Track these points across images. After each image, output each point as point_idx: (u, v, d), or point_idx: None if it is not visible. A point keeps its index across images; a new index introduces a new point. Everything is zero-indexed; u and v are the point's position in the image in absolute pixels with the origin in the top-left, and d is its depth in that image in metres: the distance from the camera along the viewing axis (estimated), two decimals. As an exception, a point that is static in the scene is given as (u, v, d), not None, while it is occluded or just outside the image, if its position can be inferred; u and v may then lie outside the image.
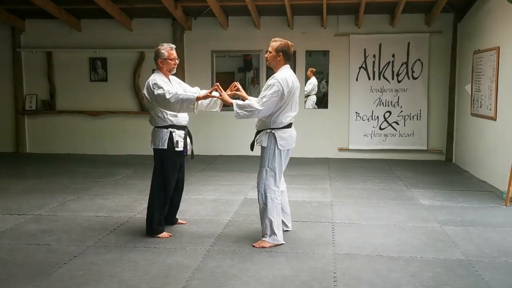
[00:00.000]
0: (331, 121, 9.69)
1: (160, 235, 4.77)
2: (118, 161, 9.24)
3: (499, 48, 6.97)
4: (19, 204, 6.03)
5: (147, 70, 9.61)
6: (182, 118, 4.76)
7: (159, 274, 3.86)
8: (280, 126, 4.50)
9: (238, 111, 4.38)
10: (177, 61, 4.75)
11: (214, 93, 4.50)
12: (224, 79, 11.97)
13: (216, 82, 4.65)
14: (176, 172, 4.83)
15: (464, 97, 8.58)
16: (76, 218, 5.43)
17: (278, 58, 4.50)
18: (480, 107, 7.68)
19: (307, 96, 11.33)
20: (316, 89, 11.49)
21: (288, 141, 4.56)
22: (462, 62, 8.80)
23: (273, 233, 4.51)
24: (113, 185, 7.14)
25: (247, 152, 5.14)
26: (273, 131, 4.49)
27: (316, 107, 11.30)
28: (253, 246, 4.51)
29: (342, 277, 3.83)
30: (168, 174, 4.75)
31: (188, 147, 4.83)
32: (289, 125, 4.55)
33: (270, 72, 4.97)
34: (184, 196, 6.09)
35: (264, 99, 4.36)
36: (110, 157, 9.68)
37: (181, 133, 4.74)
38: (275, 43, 4.50)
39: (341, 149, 9.70)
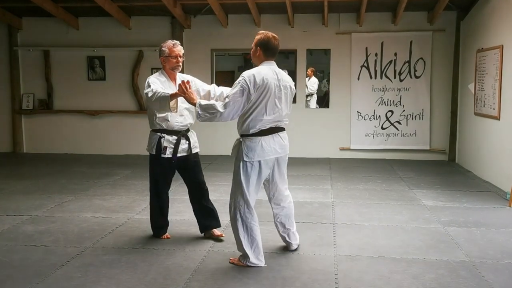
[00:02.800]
0: (332, 120, 9.65)
1: (162, 237, 4.77)
2: (117, 161, 9.20)
3: (502, 46, 6.92)
4: (16, 204, 6.00)
5: (146, 69, 9.59)
6: (175, 122, 4.48)
7: (158, 276, 3.84)
8: (249, 133, 3.90)
9: (200, 112, 3.85)
10: (181, 58, 4.51)
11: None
12: (224, 78, 11.96)
13: (214, 82, 4.46)
14: (165, 178, 4.65)
15: (467, 96, 8.54)
16: (74, 219, 5.39)
17: (257, 54, 3.97)
18: (484, 106, 7.64)
19: (310, 95, 11.31)
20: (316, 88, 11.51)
21: (256, 151, 3.88)
22: (465, 60, 8.76)
23: (245, 254, 4.00)
24: (111, 185, 7.11)
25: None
26: (241, 139, 3.96)
27: (317, 106, 11.28)
28: (230, 260, 4.16)
29: (344, 278, 3.80)
30: (158, 179, 4.63)
31: (182, 154, 4.55)
32: (260, 132, 3.89)
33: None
34: (183, 197, 6.06)
35: (227, 100, 3.81)
36: (108, 157, 9.65)
37: (173, 138, 4.50)
38: (256, 36, 4.01)
39: (342, 149, 9.65)
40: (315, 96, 11.33)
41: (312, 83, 11.41)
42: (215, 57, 9.90)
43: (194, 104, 3.93)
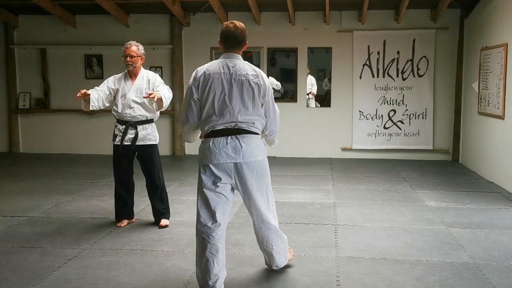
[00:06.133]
0: (334, 120, 9.61)
1: (117, 224, 5.13)
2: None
3: (507, 44, 6.88)
4: (12, 205, 5.98)
5: (144, 68, 9.44)
6: (124, 114, 4.97)
7: (156, 278, 3.83)
8: (203, 135, 3.53)
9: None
10: (130, 58, 4.90)
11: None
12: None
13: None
14: (119, 164, 5.09)
15: (471, 95, 8.51)
16: (71, 220, 5.38)
17: (220, 47, 3.55)
18: (488, 105, 7.61)
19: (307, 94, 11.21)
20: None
21: (205, 154, 3.44)
22: (469, 59, 8.73)
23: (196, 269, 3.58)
24: (109, 186, 7.02)
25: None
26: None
27: (317, 105, 11.19)
28: None
29: (345, 281, 3.78)
30: (114, 165, 5.14)
31: (129, 142, 4.99)
32: (210, 133, 3.44)
33: (271, 69, 4.70)
34: (182, 197, 6.02)
35: (182, 103, 3.60)
36: (106, 157, 9.44)
37: (122, 127, 5.01)
38: None
39: (344, 149, 9.61)
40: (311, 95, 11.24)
41: (310, 82, 11.26)
42: (214, 55, 9.82)
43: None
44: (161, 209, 5.16)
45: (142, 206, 5.83)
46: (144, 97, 4.85)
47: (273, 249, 3.76)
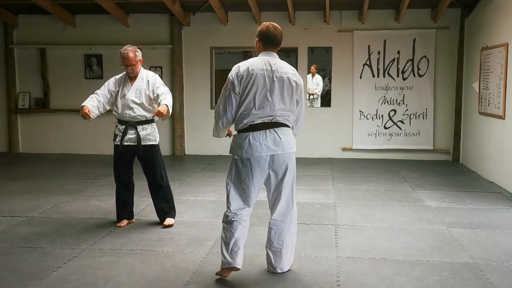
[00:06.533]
0: (334, 120, 9.60)
1: (117, 224, 5.13)
2: (114, 161, 9.07)
3: (507, 44, 6.88)
4: (11, 205, 5.96)
5: (144, 68, 9.43)
6: (124, 114, 4.99)
7: (156, 278, 3.81)
8: (239, 129, 3.70)
9: (212, 132, 3.87)
10: (130, 68, 4.92)
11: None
12: (223, 77, 11.89)
13: (214, 81, 4.49)
14: (119, 165, 5.12)
15: (472, 95, 8.50)
16: (71, 220, 5.36)
17: (258, 45, 3.77)
18: (488, 105, 7.60)
19: (312, 95, 11.22)
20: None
21: (244, 148, 3.62)
22: (469, 59, 8.72)
23: (222, 253, 3.77)
24: (109, 186, 7.03)
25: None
26: (234, 135, 3.82)
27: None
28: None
29: (346, 281, 3.77)
30: (114, 165, 5.16)
31: (130, 143, 4.99)
32: (249, 128, 3.64)
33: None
34: (182, 197, 6.02)
35: (220, 97, 3.73)
36: (106, 157, 9.43)
37: (122, 127, 5.02)
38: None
39: (344, 149, 9.59)
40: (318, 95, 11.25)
41: (318, 82, 11.26)
42: (214, 55, 9.85)
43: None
44: (165, 208, 5.15)
45: (142, 206, 5.82)
46: (152, 116, 4.90)
47: (283, 247, 3.83)
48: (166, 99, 4.77)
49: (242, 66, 3.63)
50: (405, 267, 4.02)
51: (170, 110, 4.76)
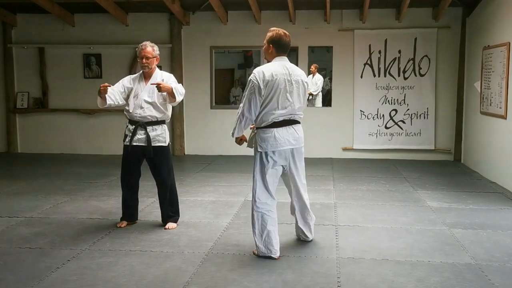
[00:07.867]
0: (334, 119, 9.57)
1: (117, 224, 5.14)
2: (113, 161, 8.95)
3: (509, 43, 6.86)
4: (10, 206, 5.95)
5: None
6: (135, 114, 4.95)
7: (155, 279, 3.81)
8: (262, 125, 4.19)
9: (232, 131, 4.28)
10: (146, 60, 4.92)
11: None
12: (223, 76, 11.86)
13: (214, 80, 4.60)
14: (127, 165, 5.06)
15: (473, 95, 8.47)
16: (70, 221, 5.35)
17: (270, 50, 4.23)
18: (490, 105, 7.58)
19: (316, 93, 11.19)
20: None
21: (270, 142, 4.17)
22: (471, 58, 8.70)
23: (256, 245, 4.24)
24: (108, 186, 7.05)
25: (247, 152, 5.07)
26: (257, 131, 4.26)
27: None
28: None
29: (346, 282, 3.77)
30: (122, 166, 5.11)
31: (139, 143, 4.95)
32: (273, 124, 4.17)
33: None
34: (182, 197, 6.02)
35: (244, 99, 4.16)
36: (105, 157, 9.55)
37: (132, 127, 4.98)
38: (268, 33, 4.26)
39: (345, 149, 9.57)
40: (320, 94, 11.20)
41: (316, 81, 11.23)
42: (214, 54, 9.81)
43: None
44: (170, 212, 5.13)
45: (142, 206, 5.76)
46: (151, 84, 4.87)
47: (311, 220, 4.59)
48: (177, 86, 4.90)
49: (266, 72, 4.07)
50: (406, 268, 4.01)
51: (177, 96, 4.85)
